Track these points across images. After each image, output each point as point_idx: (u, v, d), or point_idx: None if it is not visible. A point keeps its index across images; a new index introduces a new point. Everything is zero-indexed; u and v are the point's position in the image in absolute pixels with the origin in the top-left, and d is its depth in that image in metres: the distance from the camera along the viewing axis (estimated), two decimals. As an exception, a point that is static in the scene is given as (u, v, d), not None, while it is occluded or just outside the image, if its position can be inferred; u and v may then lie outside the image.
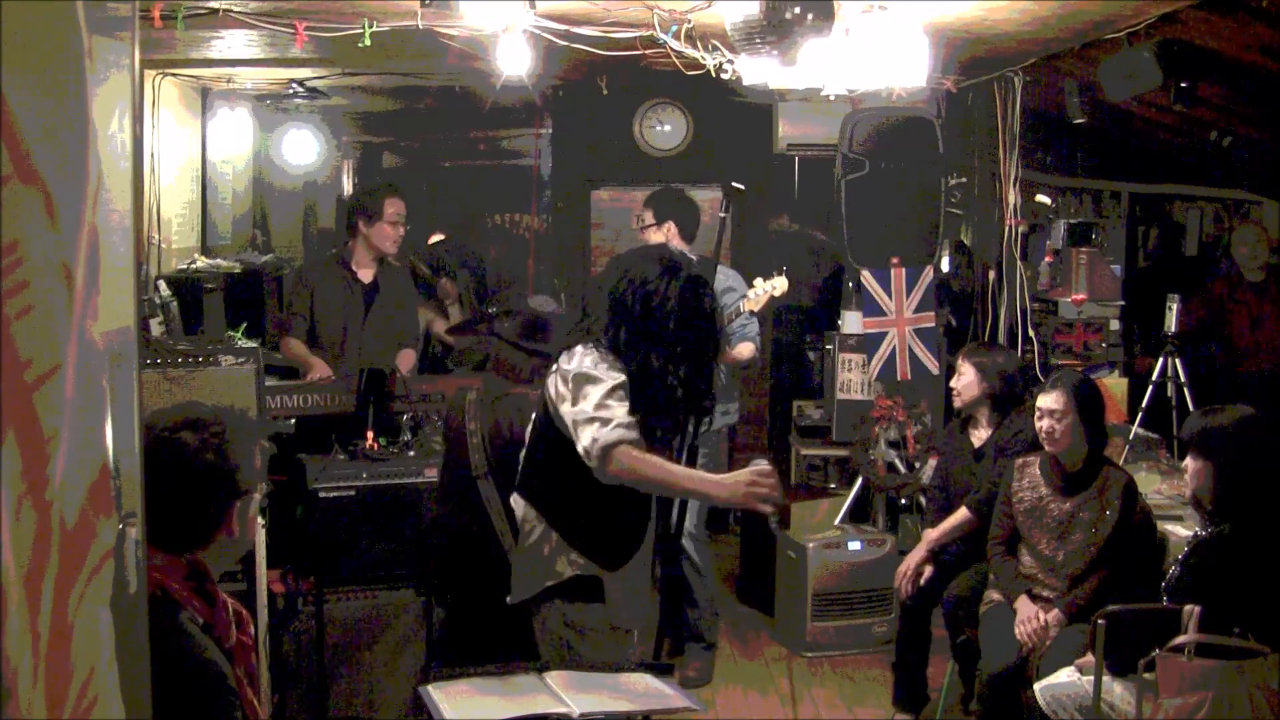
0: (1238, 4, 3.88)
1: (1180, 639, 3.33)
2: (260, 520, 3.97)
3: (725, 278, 5.49)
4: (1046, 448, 4.21)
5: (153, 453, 1.88)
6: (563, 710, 2.76)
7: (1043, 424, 4.18)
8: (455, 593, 3.99)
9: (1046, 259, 6.78)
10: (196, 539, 2.21)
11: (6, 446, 1.07)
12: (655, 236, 5.29)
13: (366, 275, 5.36)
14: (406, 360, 5.40)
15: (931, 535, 4.78)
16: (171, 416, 2.25)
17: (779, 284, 5.14)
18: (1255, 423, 3.62)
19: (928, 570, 4.70)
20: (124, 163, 1.47)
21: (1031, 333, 5.98)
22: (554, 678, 2.96)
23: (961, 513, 4.64)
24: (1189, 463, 3.65)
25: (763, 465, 2.99)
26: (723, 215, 4.60)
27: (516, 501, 3.42)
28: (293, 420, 4.81)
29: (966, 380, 4.75)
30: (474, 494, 3.76)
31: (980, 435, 4.79)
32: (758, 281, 5.18)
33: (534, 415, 3.37)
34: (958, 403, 4.83)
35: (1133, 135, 6.71)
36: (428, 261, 7.63)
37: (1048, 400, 4.18)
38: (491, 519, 3.72)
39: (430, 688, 2.91)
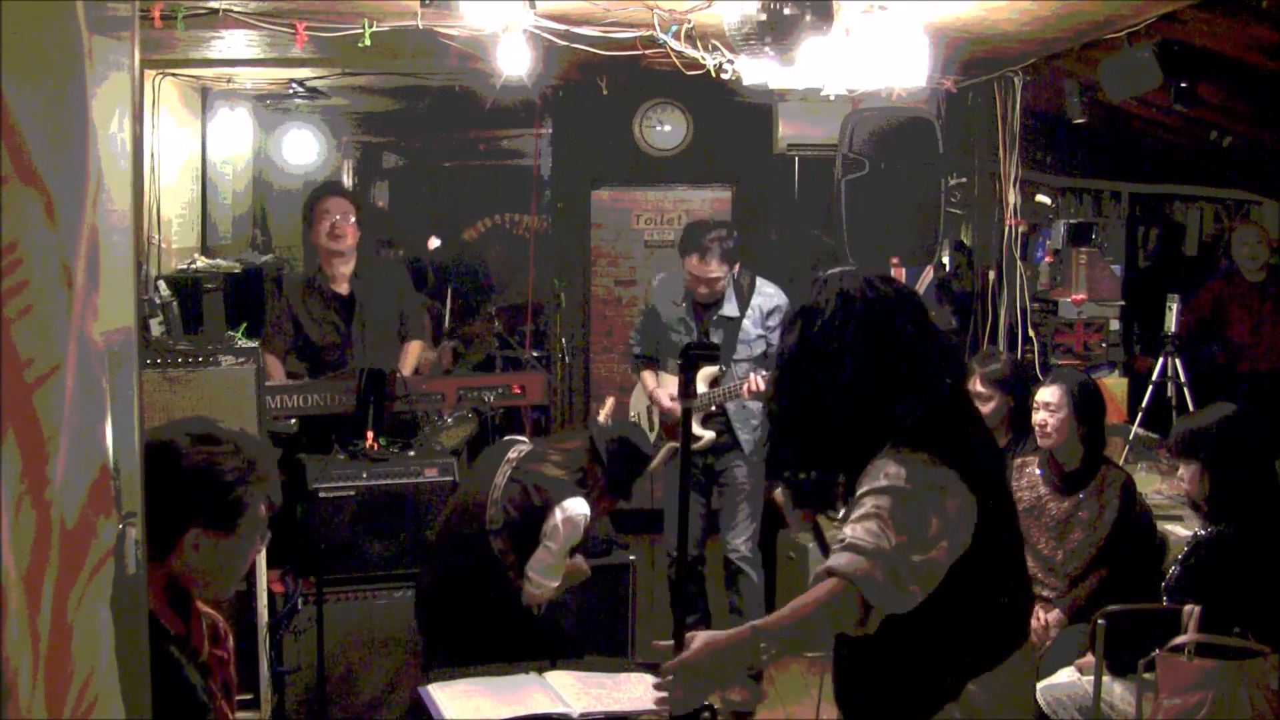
0: (1238, 4, 3.88)
1: (1180, 639, 3.33)
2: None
3: (769, 294, 5.12)
4: (1039, 442, 4.21)
5: (149, 450, 1.85)
6: (562, 710, 2.76)
7: (1037, 417, 4.18)
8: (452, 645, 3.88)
9: (1046, 259, 6.79)
10: (157, 547, 2.08)
11: (6, 446, 1.07)
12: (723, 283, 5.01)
13: (343, 288, 5.25)
14: (413, 352, 5.35)
15: None
16: (184, 425, 2.18)
17: None
18: (1237, 420, 3.64)
19: None
20: (124, 163, 1.47)
21: (1031, 333, 5.98)
22: (554, 678, 2.97)
23: None
24: (1181, 469, 3.67)
25: None
26: None
27: None
28: (294, 420, 4.81)
29: (994, 404, 4.48)
30: (485, 548, 3.75)
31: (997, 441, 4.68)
32: None
33: None
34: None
35: (1133, 135, 6.71)
36: (428, 268, 7.63)
37: (1045, 394, 4.18)
38: (506, 573, 3.73)
39: (430, 688, 2.92)
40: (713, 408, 5.05)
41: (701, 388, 4.96)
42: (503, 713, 2.75)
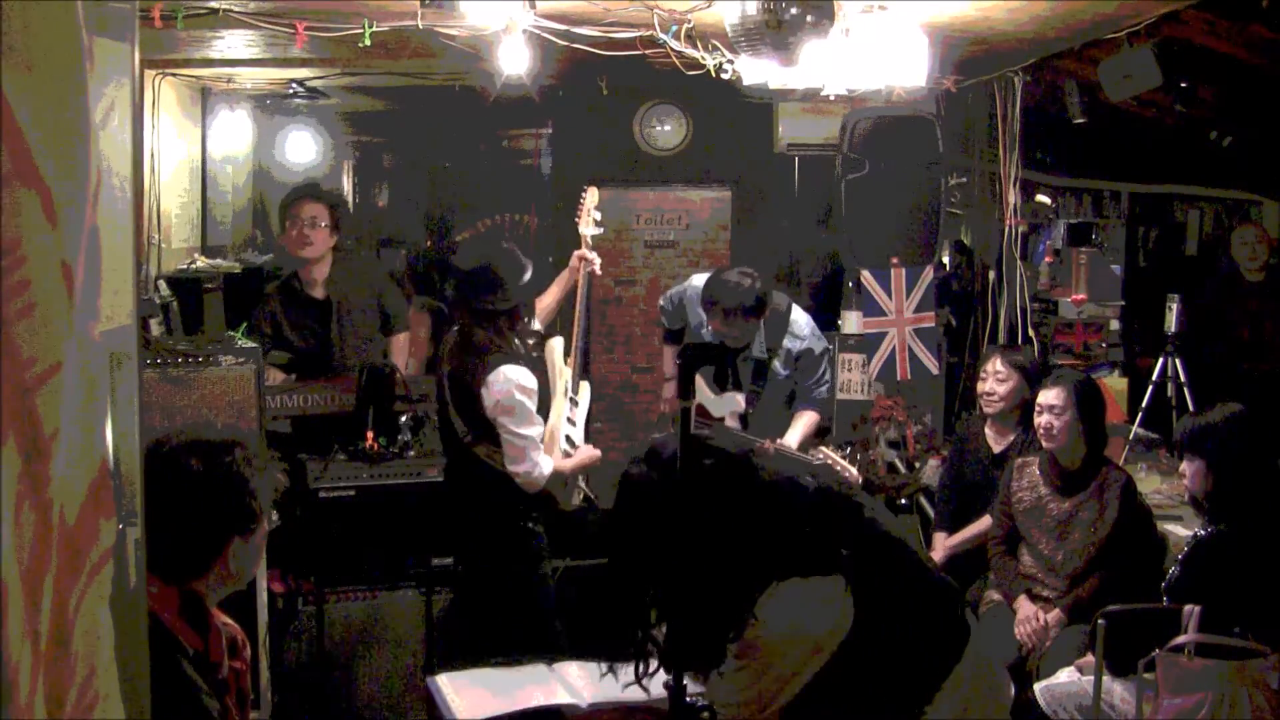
0: (1238, 4, 3.88)
1: (1180, 639, 3.34)
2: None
3: (801, 336, 4.85)
4: (1044, 444, 4.20)
5: (156, 473, 1.82)
6: (571, 700, 2.76)
7: (1041, 419, 4.18)
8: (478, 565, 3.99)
9: (1046, 259, 6.80)
10: (192, 568, 2.14)
11: (6, 446, 1.07)
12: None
13: (319, 292, 5.12)
14: (400, 345, 5.31)
15: (950, 542, 4.70)
16: (181, 436, 2.18)
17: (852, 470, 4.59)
18: (1245, 420, 3.64)
19: None
20: (124, 163, 1.47)
21: (1031, 333, 5.98)
22: (563, 669, 2.97)
23: (984, 520, 4.53)
24: (1185, 465, 3.68)
25: None
26: None
27: None
28: (289, 420, 4.80)
29: (1012, 385, 4.55)
30: (472, 461, 3.76)
31: (1003, 439, 4.66)
32: (833, 455, 4.62)
33: None
34: (995, 407, 4.61)
35: (1133, 135, 6.71)
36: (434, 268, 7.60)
37: (1048, 396, 4.18)
38: (504, 478, 3.76)
39: (439, 678, 2.91)
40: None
41: (731, 423, 4.85)
42: (511, 703, 2.75)
